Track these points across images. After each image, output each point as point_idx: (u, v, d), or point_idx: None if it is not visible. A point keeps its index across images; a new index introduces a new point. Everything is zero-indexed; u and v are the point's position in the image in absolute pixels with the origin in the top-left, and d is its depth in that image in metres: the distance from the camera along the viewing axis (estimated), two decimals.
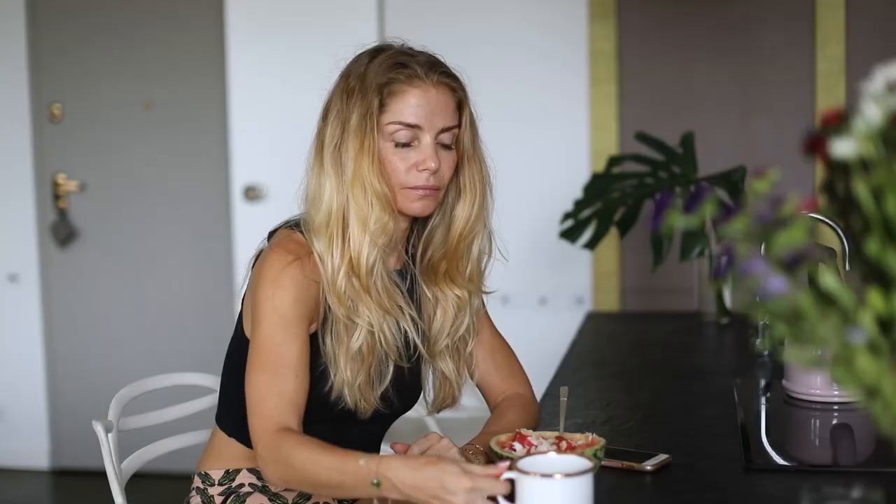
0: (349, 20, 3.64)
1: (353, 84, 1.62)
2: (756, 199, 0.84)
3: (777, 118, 3.46)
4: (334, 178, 1.61)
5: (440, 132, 1.62)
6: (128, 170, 4.05)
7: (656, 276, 3.41)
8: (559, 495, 1.28)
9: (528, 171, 3.57)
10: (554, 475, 1.29)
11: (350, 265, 1.60)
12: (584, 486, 1.29)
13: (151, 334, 4.05)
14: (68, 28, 4.03)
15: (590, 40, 3.54)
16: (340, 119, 1.62)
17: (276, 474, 1.52)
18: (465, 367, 1.78)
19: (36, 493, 3.98)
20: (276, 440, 1.52)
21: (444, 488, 1.35)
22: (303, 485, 1.54)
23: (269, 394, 1.55)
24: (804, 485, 1.44)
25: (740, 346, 2.49)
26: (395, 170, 1.61)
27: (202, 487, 1.74)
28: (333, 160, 1.61)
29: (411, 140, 1.61)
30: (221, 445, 1.75)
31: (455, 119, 1.64)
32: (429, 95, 1.60)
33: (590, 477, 1.30)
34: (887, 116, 0.79)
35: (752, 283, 0.82)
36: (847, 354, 0.80)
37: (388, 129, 1.60)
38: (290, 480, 1.53)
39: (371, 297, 1.61)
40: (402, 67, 1.61)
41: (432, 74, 1.61)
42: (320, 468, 1.47)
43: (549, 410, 1.90)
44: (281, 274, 1.58)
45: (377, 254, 1.61)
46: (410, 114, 1.60)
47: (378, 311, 1.61)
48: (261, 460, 1.54)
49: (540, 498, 1.29)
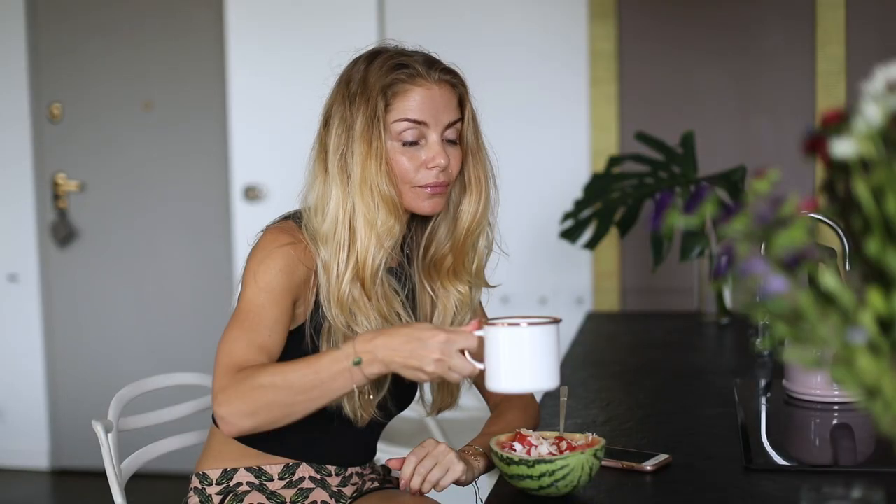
0: (349, 20, 3.64)
1: (354, 89, 1.62)
2: (756, 199, 0.84)
3: (777, 118, 3.46)
4: (340, 185, 1.61)
5: (446, 128, 1.63)
6: (128, 170, 4.05)
7: (656, 276, 3.41)
8: (526, 343, 1.36)
9: (528, 171, 3.58)
10: (520, 323, 1.35)
11: (356, 270, 1.60)
12: (550, 335, 1.36)
13: (151, 334, 4.06)
14: (68, 28, 4.03)
15: (590, 40, 3.54)
16: (345, 125, 1.61)
17: (242, 404, 1.45)
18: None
19: (36, 493, 3.98)
20: (238, 373, 1.48)
21: (419, 341, 1.40)
22: (274, 407, 1.45)
23: (239, 343, 1.53)
24: (804, 485, 1.44)
25: (740, 346, 2.49)
26: (404, 169, 1.61)
27: (200, 487, 1.74)
28: (340, 167, 1.61)
29: (418, 138, 1.61)
30: (218, 444, 1.75)
31: (458, 113, 1.65)
32: (432, 92, 1.61)
33: (555, 327, 1.37)
34: (887, 116, 0.79)
35: (752, 283, 0.82)
36: (847, 354, 0.80)
37: (395, 129, 1.60)
38: (258, 408, 1.45)
39: (371, 304, 1.61)
40: (402, 68, 1.61)
41: (433, 72, 1.62)
42: (291, 375, 1.44)
43: (549, 410, 1.90)
44: (272, 249, 1.60)
45: (382, 257, 1.61)
46: (416, 110, 1.60)
47: (377, 319, 1.62)
48: (223, 400, 1.46)
49: (507, 346, 1.36)
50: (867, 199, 0.79)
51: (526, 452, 1.49)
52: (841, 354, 0.80)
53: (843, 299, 0.80)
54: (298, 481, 1.72)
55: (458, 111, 1.65)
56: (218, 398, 1.48)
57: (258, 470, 1.71)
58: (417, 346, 1.40)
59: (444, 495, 1.70)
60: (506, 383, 1.39)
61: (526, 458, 1.46)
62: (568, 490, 1.46)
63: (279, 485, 1.71)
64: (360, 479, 1.79)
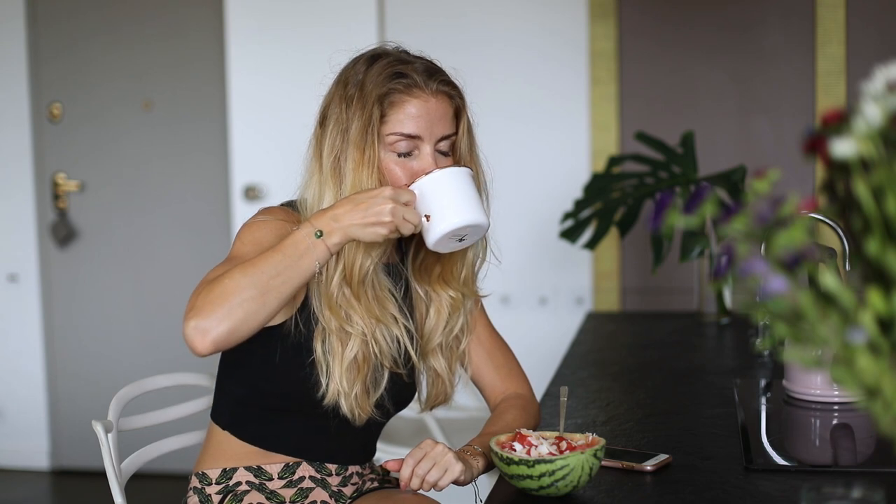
0: (349, 20, 3.64)
1: (351, 92, 1.62)
2: (756, 199, 0.84)
3: (777, 118, 3.46)
4: (333, 187, 1.62)
5: (439, 140, 1.63)
6: (128, 169, 4.05)
7: (656, 276, 3.41)
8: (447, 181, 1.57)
9: (528, 172, 3.58)
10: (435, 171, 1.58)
11: (344, 274, 1.61)
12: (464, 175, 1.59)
13: (151, 334, 4.06)
14: (68, 28, 4.03)
15: (590, 40, 3.54)
16: (340, 128, 1.62)
17: (213, 312, 1.43)
18: (457, 365, 1.78)
19: (36, 493, 3.98)
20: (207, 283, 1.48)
21: (371, 198, 1.50)
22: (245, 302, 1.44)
23: (216, 270, 1.52)
24: (804, 485, 1.44)
25: (740, 346, 2.49)
26: (395, 179, 1.61)
27: (199, 487, 1.74)
28: (333, 169, 1.62)
29: (411, 149, 1.62)
30: (218, 444, 1.75)
31: (453, 127, 1.65)
32: (428, 105, 1.61)
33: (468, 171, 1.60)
34: (887, 116, 0.79)
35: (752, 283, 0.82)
36: (847, 354, 0.80)
37: (388, 140, 1.61)
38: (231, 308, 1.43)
39: (362, 306, 1.62)
40: (400, 77, 1.61)
41: (431, 83, 1.62)
42: (259, 263, 1.47)
43: (549, 410, 1.90)
44: (266, 218, 1.63)
45: (370, 265, 1.62)
46: (411, 125, 1.60)
47: (370, 320, 1.62)
48: (191, 315, 1.44)
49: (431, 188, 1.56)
50: (867, 199, 0.79)
51: (526, 452, 1.49)
52: (841, 354, 0.80)
53: (843, 299, 0.80)
54: (298, 481, 1.72)
55: (454, 124, 1.65)
56: (188, 315, 1.44)
57: (258, 469, 1.71)
58: (370, 202, 1.49)
59: (444, 495, 1.71)
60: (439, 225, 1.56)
61: (526, 459, 1.46)
62: (568, 490, 1.46)
63: (279, 484, 1.71)
64: (360, 479, 1.79)
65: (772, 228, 0.82)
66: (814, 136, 0.83)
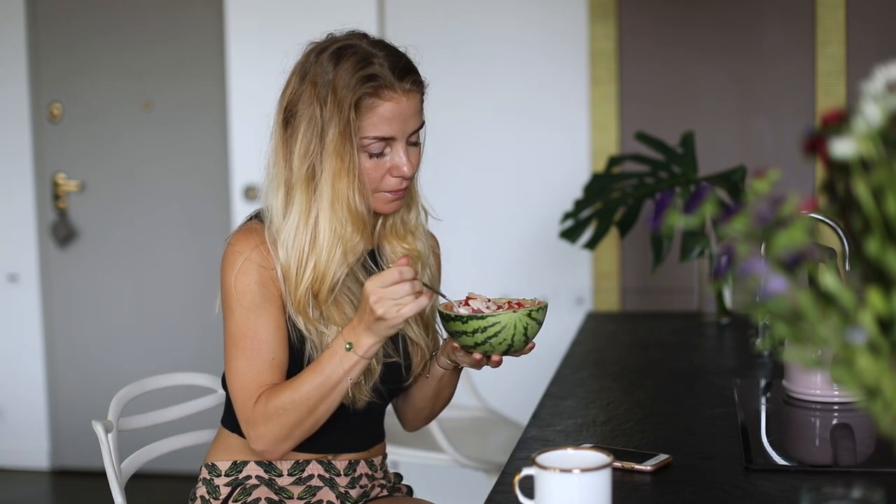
0: (349, 20, 3.62)
1: (323, 94, 1.60)
2: (756, 199, 0.84)
3: (777, 118, 3.46)
4: (305, 192, 1.62)
5: (411, 135, 1.64)
6: (128, 170, 4.05)
7: (656, 277, 3.41)
8: (576, 490, 1.24)
9: (528, 172, 3.57)
10: (572, 470, 1.24)
11: (312, 279, 1.62)
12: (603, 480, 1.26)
13: (151, 334, 4.05)
14: (68, 28, 4.03)
15: (590, 40, 3.54)
16: (315, 130, 1.61)
17: (275, 433, 1.59)
18: (432, 330, 1.77)
19: (36, 493, 3.98)
20: (257, 405, 1.59)
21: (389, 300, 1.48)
22: (302, 422, 1.58)
23: (248, 373, 1.61)
24: (804, 485, 1.44)
25: (740, 346, 2.49)
26: (370, 178, 1.62)
27: (209, 478, 1.75)
28: (307, 175, 1.62)
29: (384, 149, 1.63)
30: (228, 438, 1.76)
31: (422, 117, 1.67)
32: (400, 106, 1.62)
33: (608, 471, 1.26)
34: (887, 116, 0.79)
35: (752, 283, 0.82)
36: (847, 354, 0.80)
37: (362, 143, 1.61)
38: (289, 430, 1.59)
39: (335, 312, 1.63)
40: (371, 80, 1.59)
41: (403, 83, 1.61)
42: (304, 388, 1.56)
43: (549, 411, 1.90)
44: (240, 264, 1.63)
45: (342, 273, 1.62)
46: (385, 127, 1.61)
47: (347, 321, 1.62)
48: (256, 437, 1.60)
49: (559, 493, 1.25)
50: (867, 199, 0.79)
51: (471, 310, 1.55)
52: (841, 354, 0.80)
53: (843, 299, 0.80)
54: (307, 478, 1.73)
55: (422, 114, 1.67)
56: (250, 435, 1.61)
57: (268, 465, 1.72)
58: (389, 305, 1.48)
59: (443, 495, 1.71)
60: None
61: (461, 315, 1.51)
62: (503, 348, 1.51)
63: (288, 481, 1.72)
64: (368, 482, 1.79)
65: (772, 228, 0.82)
66: (814, 136, 0.83)
